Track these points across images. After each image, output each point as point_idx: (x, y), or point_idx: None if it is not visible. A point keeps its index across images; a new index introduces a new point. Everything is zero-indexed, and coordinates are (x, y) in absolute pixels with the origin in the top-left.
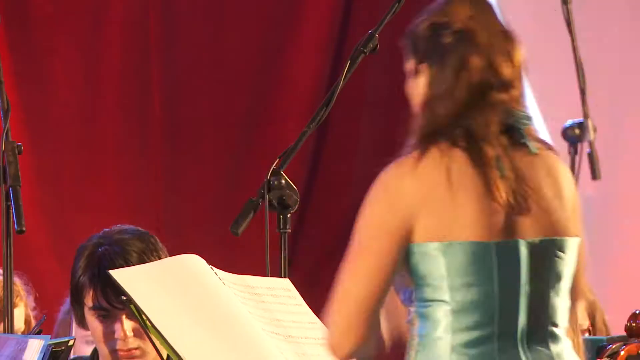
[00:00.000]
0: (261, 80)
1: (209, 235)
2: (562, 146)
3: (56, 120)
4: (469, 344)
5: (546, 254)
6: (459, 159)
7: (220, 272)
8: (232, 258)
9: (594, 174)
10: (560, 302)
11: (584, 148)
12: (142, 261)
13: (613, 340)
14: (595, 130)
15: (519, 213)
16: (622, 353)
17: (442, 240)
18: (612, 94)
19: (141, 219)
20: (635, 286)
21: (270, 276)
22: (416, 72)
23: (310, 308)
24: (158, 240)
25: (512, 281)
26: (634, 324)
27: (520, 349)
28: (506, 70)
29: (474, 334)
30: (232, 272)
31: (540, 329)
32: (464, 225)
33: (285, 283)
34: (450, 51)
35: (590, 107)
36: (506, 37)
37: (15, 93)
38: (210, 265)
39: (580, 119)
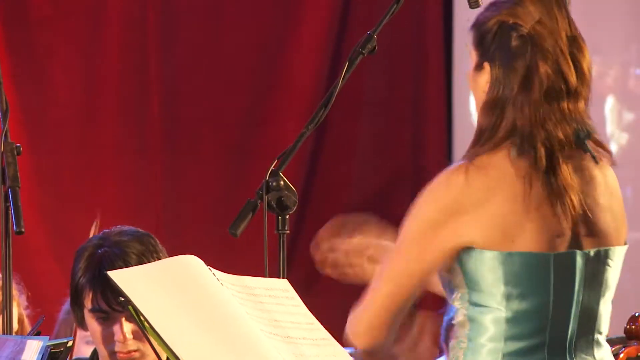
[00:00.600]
0: (260, 81)
1: (208, 236)
2: None
3: (55, 120)
4: (520, 353)
5: (598, 264)
6: (528, 167)
7: (218, 273)
8: (230, 259)
9: None
10: (606, 309)
11: None
12: (141, 263)
13: (612, 341)
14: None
15: (580, 225)
16: (621, 355)
17: (502, 249)
18: (612, 93)
19: (140, 219)
20: (633, 288)
21: (269, 277)
22: (478, 67)
23: (309, 309)
24: (158, 241)
25: (567, 292)
26: (633, 327)
27: (567, 357)
28: (573, 79)
29: (526, 343)
30: (231, 273)
31: (587, 337)
32: (528, 236)
33: (284, 284)
34: (517, 55)
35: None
36: (574, 44)
37: (14, 94)
38: (208, 266)
39: None
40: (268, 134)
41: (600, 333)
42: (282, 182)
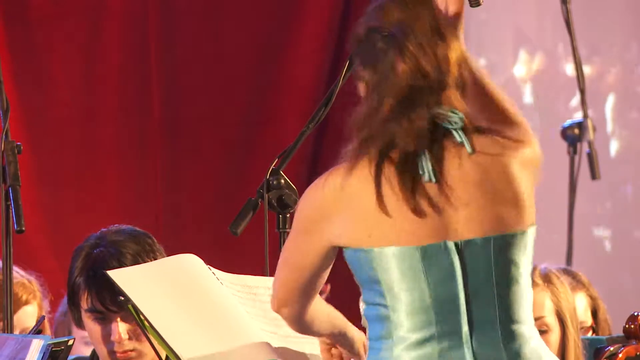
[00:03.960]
0: (260, 80)
1: (208, 234)
2: (562, 146)
3: (55, 119)
4: (411, 347)
5: (482, 253)
6: (384, 165)
7: (218, 272)
8: (231, 258)
9: (593, 174)
10: (517, 298)
11: (584, 148)
12: (136, 263)
13: (613, 340)
14: (594, 129)
15: (451, 215)
16: (620, 355)
17: (367, 246)
18: (613, 91)
19: (140, 218)
20: (633, 288)
21: (270, 276)
22: (359, 77)
23: None
24: (155, 241)
25: (446, 283)
26: (632, 326)
27: (465, 349)
28: (433, 72)
29: (415, 337)
30: (232, 272)
31: (492, 328)
32: (386, 232)
33: None
34: (381, 56)
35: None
36: (438, 37)
37: (15, 93)
38: (208, 265)
39: (579, 118)
40: (269, 133)
41: (517, 322)
42: (282, 181)
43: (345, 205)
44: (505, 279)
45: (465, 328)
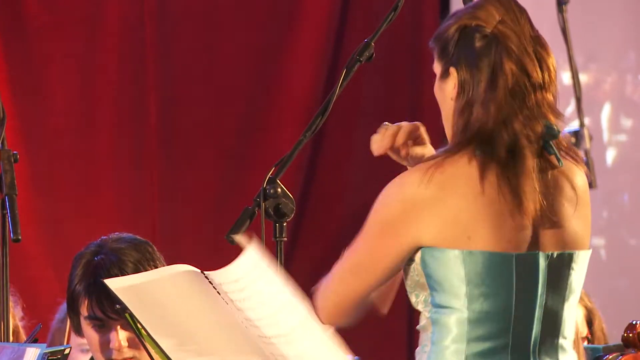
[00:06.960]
0: (257, 89)
1: (205, 243)
2: None
3: (52, 129)
4: (483, 354)
5: (562, 267)
6: (489, 166)
7: (212, 275)
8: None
9: (590, 183)
10: (570, 314)
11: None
12: (138, 271)
13: (609, 349)
14: (591, 138)
15: (542, 227)
16: None
17: (463, 248)
18: (609, 99)
19: (137, 227)
20: (632, 295)
21: None
22: (444, 75)
23: None
24: (155, 249)
25: (529, 293)
26: (630, 335)
27: (531, 359)
28: (538, 75)
29: (489, 344)
30: None
31: (551, 341)
32: (486, 235)
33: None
34: (483, 55)
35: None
36: (537, 42)
37: (11, 102)
38: (206, 272)
39: (576, 127)
40: (265, 142)
41: (564, 338)
42: (279, 190)
43: (440, 202)
44: (572, 295)
45: (534, 341)
